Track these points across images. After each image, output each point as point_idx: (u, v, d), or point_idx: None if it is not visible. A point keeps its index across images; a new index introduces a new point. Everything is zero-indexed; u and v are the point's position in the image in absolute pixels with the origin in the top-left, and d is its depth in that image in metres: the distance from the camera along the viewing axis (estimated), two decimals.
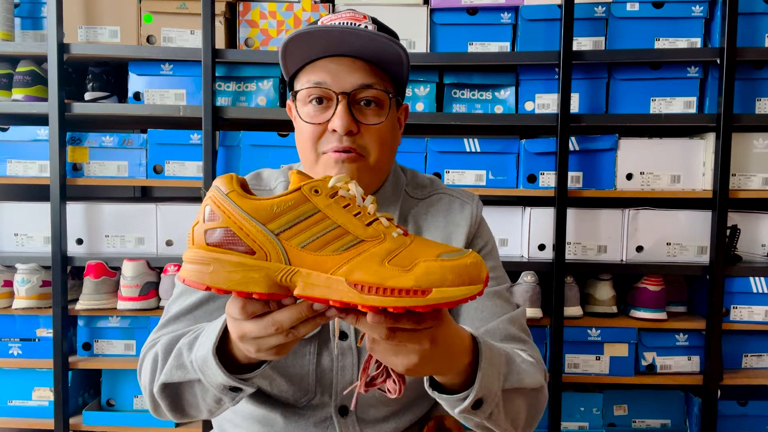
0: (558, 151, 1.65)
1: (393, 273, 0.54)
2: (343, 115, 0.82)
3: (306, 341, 0.87)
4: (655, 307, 1.70)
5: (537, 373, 0.80)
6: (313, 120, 0.84)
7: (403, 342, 0.58)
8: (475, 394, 0.68)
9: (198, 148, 1.72)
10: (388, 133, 0.88)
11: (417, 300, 0.53)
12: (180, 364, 0.76)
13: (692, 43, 1.68)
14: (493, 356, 0.71)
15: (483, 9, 1.69)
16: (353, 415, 0.89)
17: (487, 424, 0.74)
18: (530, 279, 1.67)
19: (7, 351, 1.75)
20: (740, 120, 1.64)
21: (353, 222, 0.57)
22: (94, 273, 1.70)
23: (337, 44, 0.82)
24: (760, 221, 1.76)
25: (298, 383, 0.88)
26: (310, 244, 0.55)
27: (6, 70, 1.75)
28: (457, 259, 0.55)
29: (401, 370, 0.61)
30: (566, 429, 1.75)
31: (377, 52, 0.83)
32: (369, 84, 0.84)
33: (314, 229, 0.56)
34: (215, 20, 1.67)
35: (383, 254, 0.55)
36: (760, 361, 1.78)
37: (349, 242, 0.56)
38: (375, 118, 0.85)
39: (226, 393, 0.72)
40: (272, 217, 0.56)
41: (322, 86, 0.83)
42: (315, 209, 0.57)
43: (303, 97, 0.86)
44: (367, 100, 0.85)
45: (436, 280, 0.53)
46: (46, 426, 1.74)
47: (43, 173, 1.74)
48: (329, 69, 0.83)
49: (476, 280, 0.55)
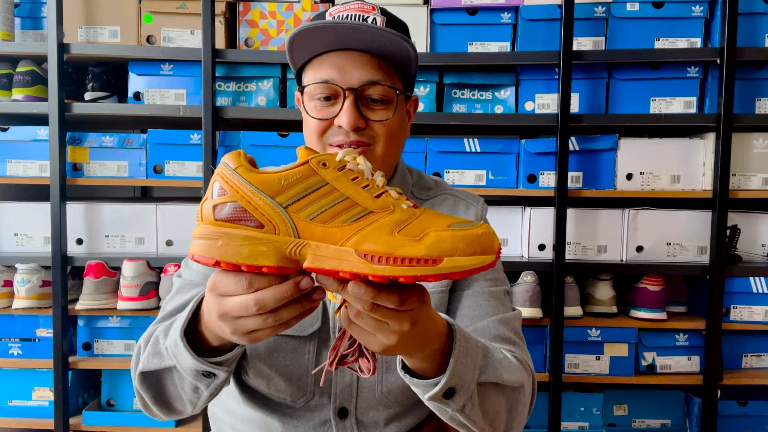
0: (558, 151, 1.65)
1: (403, 242, 0.53)
2: (350, 112, 0.82)
3: (305, 340, 0.87)
4: (655, 307, 1.70)
5: (518, 371, 0.78)
6: (319, 115, 0.84)
7: (385, 319, 0.57)
8: (446, 381, 0.66)
9: (198, 148, 1.72)
10: (396, 128, 0.87)
11: (428, 269, 0.52)
12: (156, 351, 0.75)
13: (692, 43, 1.68)
14: (468, 346, 0.69)
15: (483, 9, 1.69)
16: (352, 418, 0.88)
17: (461, 419, 0.71)
18: (530, 279, 1.67)
19: (7, 351, 1.75)
20: (740, 120, 1.64)
21: (362, 194, 0.56)
22: (94, 273, 1.70)
23: (344, 39, 0.82)
24: (760, 221, 1.76)
25: (297, 383, 0.87)
26: (318, 216, 0.55)
27: (6, 70, 1.75)
28: (468, 230, 0.54)
29: (377, 349, 0.60)
30: (566, 429, 1.75)
31: (385, 47, 0.82)
32: (376, 80, 0.83)
33: (323, 201, 0.56)
34: (215, 20, 1.66)
35: (393, 225, 0.54)
36: (760, 361, 1.78)
37: (358, 213, 0.55)
38: (383, 114, 0.85)
39: (200, 379, 0.71)
40: (280, 190, 0.55)
41: (329, 83, 0.83)
42: (323, 182, 0.56)
43: (310, 93, 0.85)
44: (374, 97, 0.84)
45: (447, 249, 0.52)
46: (46, 426, 1.74)
47: (43, 173, 1.74)
48: (336, 64, 0.83)
49: (488, 250, 0.53)
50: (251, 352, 0.89)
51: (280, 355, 0.87)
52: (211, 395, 0.75)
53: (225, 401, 0.97)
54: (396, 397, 0.89)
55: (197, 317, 0.68)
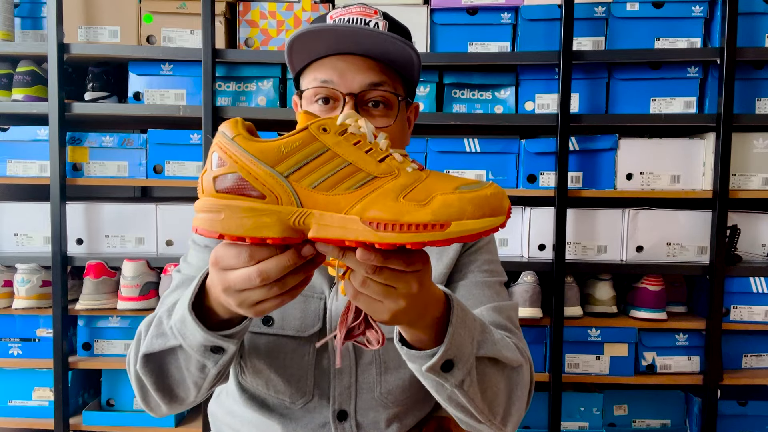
0: (558, 151, 1.65)
1: (409, 208, 0.51)
2: None
3: (306, 341, 0.86)
4: (655, 307, 1.70)
5: (515, 352, 0.76)
6: None
7: (393, 282, 0.55)
8: (444, 350, 0.64)
9: (198, 148, 1.72)
10: (397, 134, 0.85)
11: (435, 234, 0.50)
12: (160, 332, 0.73)
13: (692, 43, 1.68)
14: (466, 318, 0.68)
15: (483, 9, 1.69)
16: (352, 420, 0.87)
17: (460, 397, 0.69)
18: (530, 279, 1.67)
19: (7, 351, 1.75)
20: (740, 120, 1.64)
21: (365, 158, 0.55)
22: (94, 273, 1.70)
23: (345, 42, 0.80)
24: (760, 221, 1.76)
25: (296, 384, 0.87)
26: (321, 184, 0.54)
27: (6, 70, 1.75)
28: (476, 191, 0.52)
29: (385, 317, 0.58)
30: (566, 429, 1.75)
31: (387, 51, 0.81)
32: (377, 83, 0.81)
33: (324, 168, 0.54)
34: (215, 20, 1.66)
35: (398, 190, 0.53)
36: (760, 361, 1.78)
37: (362, 179, 0.54)
38: (383, 119, 0.82)
39: (208, 356, 0.69)
40: (280, 159, 0.54)
41: (328, 85, 0.81)
42: (324, 148, 0.55)
43: (309, 96, 0.83)
44: (375, 101, 0.82)
45: (454, 213, 0.51)
46: (46, 426, 1.74)
47: (43, 173, 1.74)
48: (336, 67, 0.81)
49: (498, 211, 0.52)
50: (251, 351, 0.88)
51: (279, 356, 0.87)
52: (218, 375, 0.73)
53: (225, 402, 0.97)
54: (396, 397, 0.89)
55: (203, 293, 0.67)
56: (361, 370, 0.88)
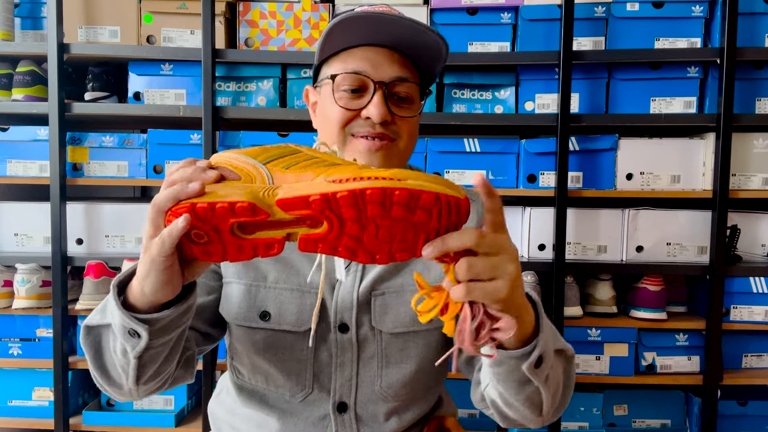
0: (558, 151, 1.65)
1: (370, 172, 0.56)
2: (380, 105, 0.84)
3: (303, 335, 0.87)
4: (655, 307, 1.70)
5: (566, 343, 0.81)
6: (347, 105, 0.85)
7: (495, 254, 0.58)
8: (541, 346, 0.67)
9: (198, 148, 1.72)
10: (416, 126, 0.92)
11: (394, 182, 0.53)
12: (102, 307, 0.75)
13: (692, 43, 1.68)
14: (543, 313, 0.71)
15: (483, 9, 1.69)
16: (351, 412, 0.88)
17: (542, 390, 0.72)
18: (530, 279, 1.67)
19: (7, 351, 1.75)
20: (740, 120, 1.64)
21: (333, 157, 0.64)
22: (94, 273, 1.69)
23: (382, 31, 0.84)
24: (760, 221, 1.76)
25: (296, 378, 0.88)
26: (292, 167, 0.62)
27: (6, 70, 1.75)
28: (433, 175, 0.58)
29: (503, 293, 0.58)
30: (566, 429, 1.75)
31: (419, 43, 0.85)
32: (405, 78, 0.86)
33: (295, 157, 0.64)
34: (215, 20, 1.66)
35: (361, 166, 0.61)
36: (760, 361, 1.78)
37: (329, 164, 0.62)
38: (407, 111, 0.88)
39: (127, 339, 0.69)
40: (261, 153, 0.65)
41: (361, 74, 0.85)
42: (298, 150, 0.66)
43: (337, 83, 0.86)
44: (401, 95, 0.87)
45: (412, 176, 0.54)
46: (46, 426, 1.74)
47: (43, 173, 1.74)
48: (368, 57, 0.85)
49: (453, 188, 0.55)
50: (249, 347, 0.89)
51: (278, 351, 0.88)
52: (142, 368, 0.72)
53: (225, 401, 0.97)
54: (396, 391, 0.89)
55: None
56: (362, 364, 0.89)
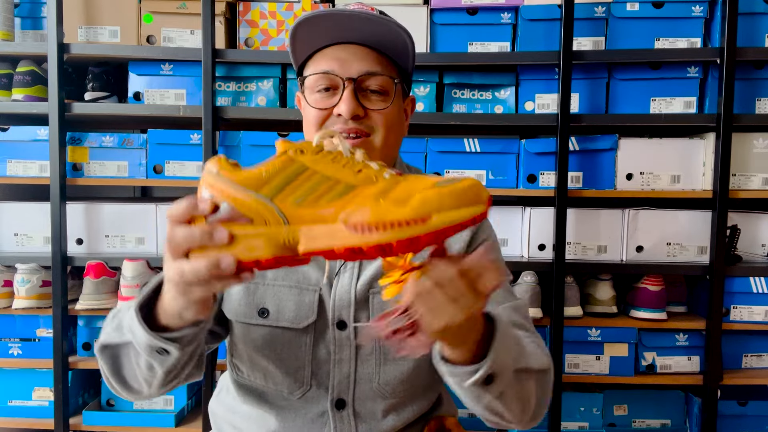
0: (558, 151, 1.65)
1: (390, 208, 0.53)
2: (349, 100, 0.84)
3: (301, 332, 0.87)
4: (655, 307, 1.70)
5: (543, 356, 0.80)
6: (319, 105, 0.86)
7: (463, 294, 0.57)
8: (489, 366, 0.66)
9: (198, 148, 1.72)
10: (395, 120, 0.89)
11: (418, 228, 0.52)
12: (118, 325, 0.75)
13: (692, 43, 1.68)
14: (506, 332, 0.70)
15: (483, 9, 1.69)
16: (349, 409, 0.89)
17: (498, 406, 0.72)
18: (530, 279, 1.67)
19: (7, 351, 1.75)
20: (740, 120, 1.64)
21: (342, 171, 0.58)
22: (94, 273, 1.69)
23: (344, 30, 0.84)
24: (760, 221, 1.76)
25: (294, 375, 0.88)
26: (305, 200, 0.56)
27: (6, 70, 1.75)
28: (453, 184, 0.54)
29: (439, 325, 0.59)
30: (566, 429, 1.75)
31: (384, 38, 0.85)
32: (375, 71, 0.86)
33: (306, 185, 0.57)
34: (215, 20, 1.66)
35: (378, 194, 0.55)
36: (760, 361, 1.78)
37: (343, 190, 0.56)
38: (381, 104, 0.87)
39: (155, 356, 0.70)
40: (264, 183, 0.57)
41: (329, 74, 0.85)
42: (303, 167, 0.58)
43: (311, 85, 0.88)
44: (373, 89, 0.86)
45: (434, 206, 0.52)
46: (46, 426, 1.74)
47: (43, 173, 1.74)
48: (336, 56, 0.86)
49: (476, 200, 0.54)
50: (248, 344, 0.90)
51: (276, 348, 0.88)
52: (167, 376, 0.74)
53: (225, 399, 0.98)
54: (393, 388, 0.90)
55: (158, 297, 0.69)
56: (360, 360, 0.89)
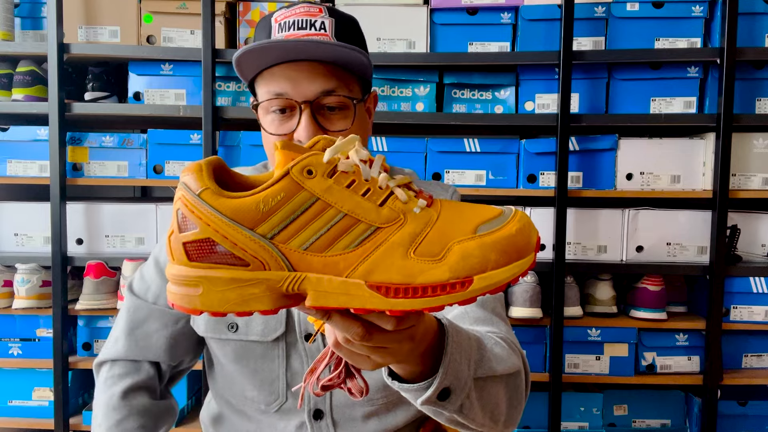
0: (558, 151, 1.65)
1: (422, 266, 0.44)
2: (308, 126, 0.79)
3: (272, 344, 0.86)
4: (655, 307, 1.70)
5: (512, 356, 0.71)
6: (278, 131, 0.82)
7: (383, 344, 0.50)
8: (440, 381, 0.58)
9: (198, 148, 1.72)
10: (357, 132, 0.84)
11: (457, 295, 0.43)
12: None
13: (692, 43, 1.68)
14: (461, 340, 0.62)
15: (483, 9, 1.69)
16: (328, 419, 0.87)
17: (460, 419, 0.64)
18: (530, 279, 1.67)
19: (7, 351, 1.75)
20: (740, 120, 1.64)
21: (363, 205, 0.45)
22: (94, 273, 1.69)
23: (293, 53, 0.78)
24: (760, 221, 1.76)
25: (269, 388, 0.88)
26: (314, 245, 0.45)
27: (6, 70, 1.75)
28: (498, 231, 0.45)
29: (369, 368, 0.54)
30: (566, 429, 1.75)
31: (338, 57, 0.80)
32: (331, 90, 0.80)
33: (316, 224, 0.45)
34: (215, 20, 1.66)
35: (407, 242, 0.45)
36: (760, 361, 1.78)
37: (362, 233, 0.45)
38: (342, 122, 0.82)
39: None
40: (261, 219, 0.44)
41: (283, 97, 0.80)
42: (312, 198, 0.45)
43: (265, 107, 0.83)
44: (331, 105, 0.81)
45: (477, 266, 0.43)
46: (46, 426, 1.74)
47: (43, 173, 1.74)
48: (288, 76, 0.80)
49: (526, 250, 0.45)
50: (221, 359, 0.89)
51: (250, 362, 0.87)
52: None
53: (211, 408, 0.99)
54: (371, 395, 0.87)
55: None
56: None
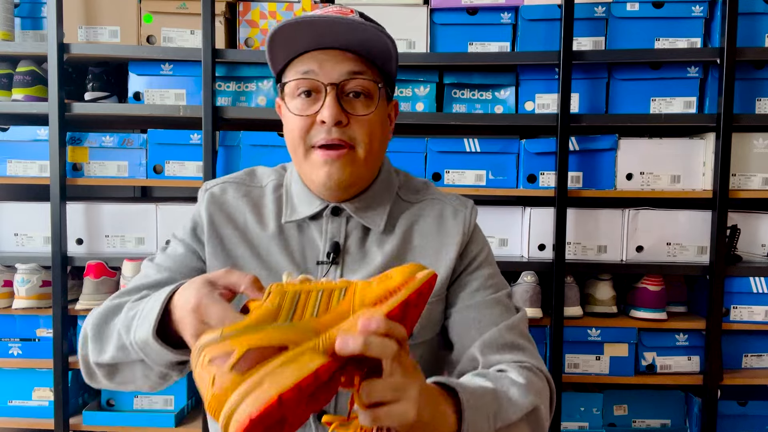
0: (558, 151, 1.65)
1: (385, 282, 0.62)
2: (332, 106, 0.81)
3: None
4: (655, 307, 1.70)
5: (528, 394, 0.75)
6: (302, 112, 0.83)
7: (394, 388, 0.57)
8: None
9: (198, 148, 1.72)
10: (378, 126, 0.86)
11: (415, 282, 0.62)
12: (121, 345, 0.75)
13: (692, 43, 1.68)
14: (477, 400, 0.67)
15: (483, 9, 1.69)
16: None
17: None
18: (530, 279, 1.67)
19: (7, 351, 1.75)
20: (740, 120, 1.64)
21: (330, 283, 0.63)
22: (94, 273, 1.70)
23: (323, 35, 0.81)
24: (760, 221, 1.76)
25: None
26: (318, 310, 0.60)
27: (6, 70, 1.75)
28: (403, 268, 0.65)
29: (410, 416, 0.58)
30: (566, 429, 1.75)
31: (365, 42, 0.82)
32: (357, 72, 0.83)
33: (311, 301, 0.61)
34: (215, 20, 1.66)
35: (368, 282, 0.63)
36: (760, 361, 1.78)
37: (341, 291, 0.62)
38: (364, 109, 0.84)
39: (173, 367, 0.71)
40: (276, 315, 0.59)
41: (310, 76, 0.82)
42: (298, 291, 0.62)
43: (291, 90, 0.85)
44: (356, 92, 0.84)
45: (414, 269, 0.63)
46: (46, 426, 1.74)
47: (43, 173, 1.74)
48: (317, 59, 0.83)
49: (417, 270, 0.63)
50: None
51: None
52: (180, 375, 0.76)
53: None
54: None
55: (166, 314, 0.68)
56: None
